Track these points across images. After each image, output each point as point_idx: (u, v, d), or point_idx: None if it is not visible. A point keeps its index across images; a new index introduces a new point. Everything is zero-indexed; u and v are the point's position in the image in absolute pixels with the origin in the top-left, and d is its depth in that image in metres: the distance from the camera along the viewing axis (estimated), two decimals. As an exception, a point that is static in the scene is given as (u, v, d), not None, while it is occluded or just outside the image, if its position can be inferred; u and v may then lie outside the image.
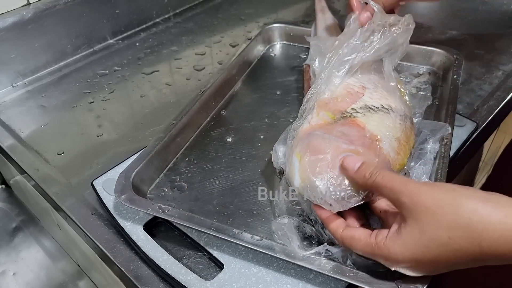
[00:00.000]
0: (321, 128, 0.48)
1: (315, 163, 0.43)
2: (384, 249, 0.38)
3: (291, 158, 0.46)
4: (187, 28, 0.88)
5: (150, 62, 0.79)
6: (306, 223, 0.47)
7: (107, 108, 0.69)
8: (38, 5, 0.73)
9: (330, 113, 0.51)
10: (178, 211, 0.47)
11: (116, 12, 0.83)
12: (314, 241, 0.46)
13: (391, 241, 0.37)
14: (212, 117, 0.65)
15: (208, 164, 0.57)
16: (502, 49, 0.77)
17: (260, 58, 0.77)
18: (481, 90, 0.68)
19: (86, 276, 0.65)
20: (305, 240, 0.46)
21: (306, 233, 0.46)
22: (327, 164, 0.43)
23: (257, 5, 0.95)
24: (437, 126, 0.54)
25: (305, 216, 0.48)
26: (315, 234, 0.46)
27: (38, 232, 0.70)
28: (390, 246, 0.37)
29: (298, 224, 0.46)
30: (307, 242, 0.46)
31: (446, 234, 0.35)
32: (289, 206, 0.49)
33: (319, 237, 0.46)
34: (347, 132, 0.47)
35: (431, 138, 0.52)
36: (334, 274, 0.41)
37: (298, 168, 0.44)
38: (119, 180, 0.50)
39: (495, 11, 0.90)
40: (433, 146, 0.52)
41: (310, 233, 0.46)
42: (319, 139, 0.46)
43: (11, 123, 0.66)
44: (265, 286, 0.43)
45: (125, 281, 0.47)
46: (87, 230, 0.50)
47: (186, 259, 0.47)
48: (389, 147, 0.47)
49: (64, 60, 0.79)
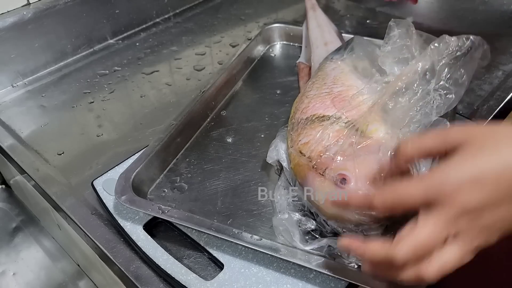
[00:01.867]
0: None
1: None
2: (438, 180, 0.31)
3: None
4: (187, 28, 0.88)
5: (150, 62, 0.79)
6: (307, 217, 0.47)
7: (107, 108, 0.69)
8: (38, 5, 0.73)
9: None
10: (178, 212, 0.47)
11: (116, 12, 0.83)
12: (317, 234, 0.46)
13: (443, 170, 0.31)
14: (212, 117, 0.65)
15: (208, 165, 0.57)
16: (502, 49, 0.77)
17: (260, 58, 0.77)
18: (481, 90, 0.68)
19: (86, 276, 0.65)
20: (307, 234, 0.46)
21: (307, 228, 0.46)
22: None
23: (257, 5, 0.95)
24: (435, 122, 0.54)
25: (306, 211, 0.48)
26: (317, 227, 0.46)
27: (38, 232, 0.70)
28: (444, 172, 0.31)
29: (299, 219, 0.46)
30: (309, 236, 0.46)
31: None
32: (290, 202, 0.49)
33: (321, 229, 0.46)
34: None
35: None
36: (334, 274, 0.41)
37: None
38: (119, 181, 0.50)
39: (495, 11, 0.89)
40: None
41: (311, 228, 0.46)
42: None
43: (11, 123, 0.66)
44: (265, 286, 0.43)
45: (125, 281, 0.47)
46: (87, 230, 0.50)
47: (186, 259, 0.47)
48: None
49: (64, 60, 0.79)
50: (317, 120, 0.48)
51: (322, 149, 0.45)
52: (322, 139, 0.45)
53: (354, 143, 0.43)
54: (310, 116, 0.49)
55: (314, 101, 0.52)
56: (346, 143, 0.43)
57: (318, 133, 0.46)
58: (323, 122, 0.47)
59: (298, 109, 0.52)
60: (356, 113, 0.47)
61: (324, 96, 0.52)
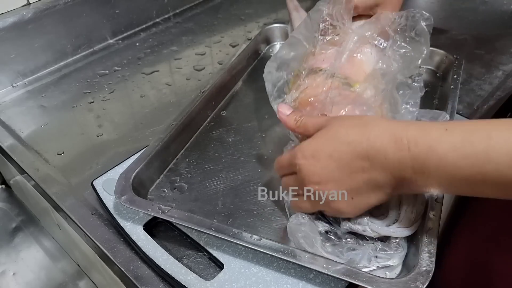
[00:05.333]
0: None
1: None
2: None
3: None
4: (187, 28, 0.88)
5: (150, 62, 0.79)
6: (318, 220, 0.46)
7: (107, 108, 0.69)
8: (38, 5, 0.73)
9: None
10: (178, 212, 0.47)
11: (116, 12, 0.83)
12: (331, 235, 0.46)
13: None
14: (212, 117, 0.65)
15: (208, 165, 0.57)
16: (502, 49, 0.77)
17: (260, 58, 0.77)
18: (481, 90, 0.68)
19: (86, 276, 0.65)
20: (323, 237, 0.46)
21: (321, 230, 0.46)
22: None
23: (257, 5, 0.95)
24: (435, 114, 0.54)
25: (317, 212, 0.47)
26: (330, 229, 0.46)
27: (38, 232, 0.70)
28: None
29: (312, 221, 0.46)
30: (323, 237, 0.46)
31: (345, 130, 0.42)
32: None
33: (335, 231, 0.46)
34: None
35: None
36: (334, 273, 0.41)
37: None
38: (119, 181, 0.50)
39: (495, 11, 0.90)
40: None
41: (324, 229, 0.46)
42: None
43: (11, 123, 0.66)
44: (265, 286, 0.43)
45: (125, 281, 0.47)
46: (87, 230, 0.50)
47: (186, 259, 0.47)
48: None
49: (64, 60, 0.79)
50: (315, 72, 0.53)
51: (313, 93, 0.51)
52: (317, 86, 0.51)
53: (339, 94, 0.50)
54: (314, 68, 0.53)
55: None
56: (334, 92, 0.50)
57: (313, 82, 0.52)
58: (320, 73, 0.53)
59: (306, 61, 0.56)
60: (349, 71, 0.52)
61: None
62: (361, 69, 0.52)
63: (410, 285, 0.39)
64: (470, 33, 0.81)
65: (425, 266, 0.41)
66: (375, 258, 0.43)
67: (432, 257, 0.42)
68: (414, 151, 0.37)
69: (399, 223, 0.44)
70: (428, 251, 0.42)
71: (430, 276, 0.40)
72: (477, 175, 0.35)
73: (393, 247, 0.44)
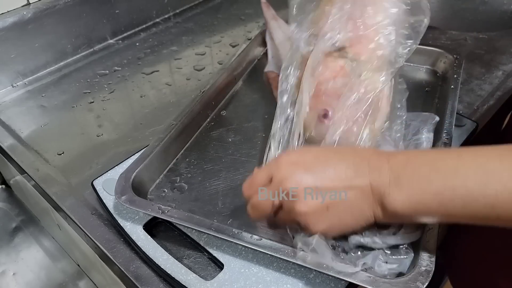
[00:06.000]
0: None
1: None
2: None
3: None
4: (187, 28, 0.88)
5: (150, 62, 0.79)
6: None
7: (107, 108, 0.69)
8: (38, 5, 0.73)
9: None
10: (178, 212, 0.47)
11: (116, 12, 0.83)
12: (339, 250, 0.45)
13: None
14: (212, 117, 0.65)
15: (208, 165, 0.57)
16: (502, 49, 0.77)
17: (260, 58, 0.77)
18: (481, 90, 0.68)
19: (86, 276, 0.65)
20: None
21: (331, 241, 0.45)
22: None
23: (257, 5, 0.94)
24: (424, 117, 0.54)
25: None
26: (336, 244, 0.45)
27: (38, 232, 0.70)
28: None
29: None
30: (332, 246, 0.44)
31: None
32: None
33: (343, 247, 0.45)
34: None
35: (424, 128, 0.52)
36: (334, 273, 0.41)
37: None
38: (119, 181, 0.50)
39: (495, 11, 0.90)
40: (428, 136, 0.52)
41: (331, 244, 0.44)
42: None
43: (11, 123, 0.66)
44: (265, 286, 0.43)
45: (125, 281, 0.47)
46: (87, 230, 0.50)
47: (186, 259, 0.47)
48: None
49: (64, 60, 0.79)
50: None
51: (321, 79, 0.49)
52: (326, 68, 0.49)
53: (347, 85, 0.47)
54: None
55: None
56: (341, 82, 0.47)
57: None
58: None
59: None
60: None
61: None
62: (374, 53, 0.50)
63: (410, 285, 0.39)
64: (470, 33, 0.81)
65: (425, 266, 0.41)
66: (385, 264, 0.43)
67: (432, 257, 0.42)
68: (392, 161, 0.40)
69: (405, 229, 0.44)
70: (428, 251, 0.42)
71: (430, 276, 0.40)
72: (446, 191, 0.37)
73: (403, 253, 0.44)
